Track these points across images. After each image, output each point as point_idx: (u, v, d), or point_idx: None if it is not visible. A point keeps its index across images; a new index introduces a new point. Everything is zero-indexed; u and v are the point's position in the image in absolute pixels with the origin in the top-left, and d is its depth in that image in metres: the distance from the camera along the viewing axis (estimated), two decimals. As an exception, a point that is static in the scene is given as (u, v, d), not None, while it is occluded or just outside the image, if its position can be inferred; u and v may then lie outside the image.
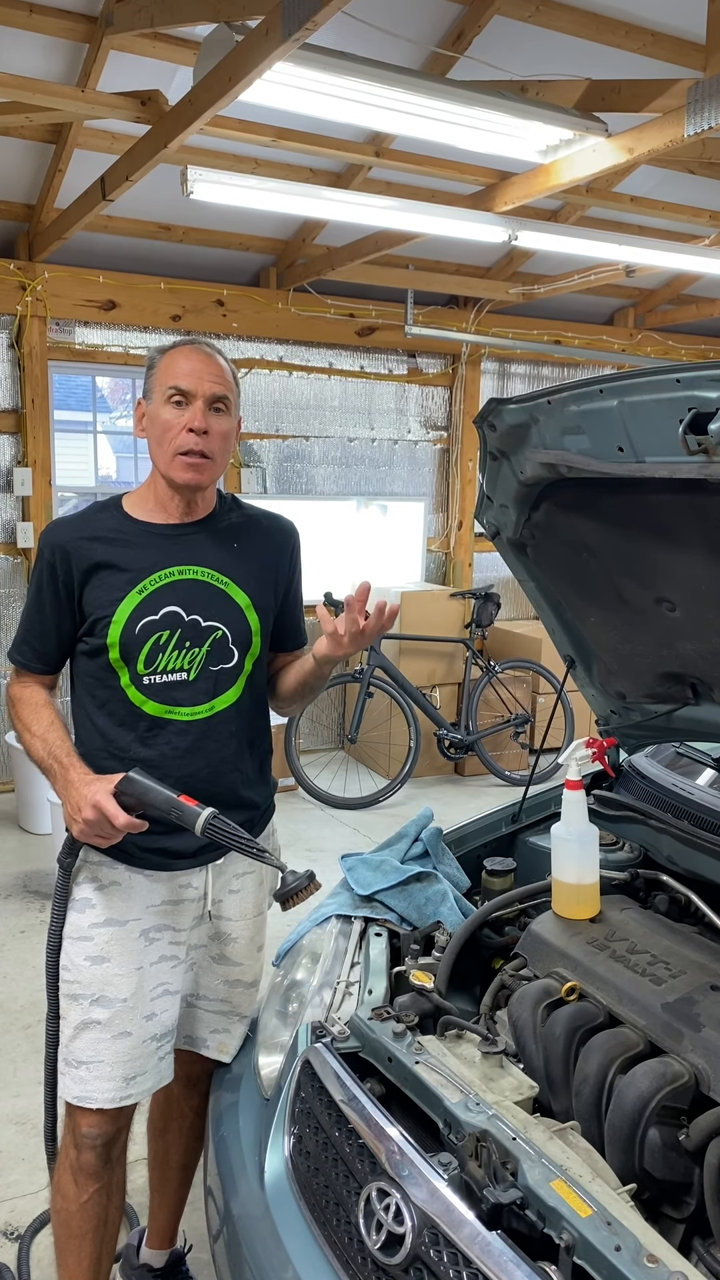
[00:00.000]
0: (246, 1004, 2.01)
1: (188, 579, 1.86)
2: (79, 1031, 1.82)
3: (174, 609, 1.83)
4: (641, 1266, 1.12)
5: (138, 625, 1.80)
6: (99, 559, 1.82)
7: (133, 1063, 1.83)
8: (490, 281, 6.37)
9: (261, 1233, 1.49)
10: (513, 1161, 1.28)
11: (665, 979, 1.57)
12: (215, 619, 1.86)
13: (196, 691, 1.85)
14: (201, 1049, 1.99)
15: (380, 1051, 1.55)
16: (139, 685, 1.82)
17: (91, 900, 1.83)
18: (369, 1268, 1.31)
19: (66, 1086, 1.84)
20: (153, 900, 1.85)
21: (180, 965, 1.90)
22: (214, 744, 1.87)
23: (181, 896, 1.88)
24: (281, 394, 6.25)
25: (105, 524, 1.87)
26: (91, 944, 1.82)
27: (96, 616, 1.81)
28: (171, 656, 1.83)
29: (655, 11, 3.88)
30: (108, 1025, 1.81)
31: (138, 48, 3.69)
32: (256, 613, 1.92)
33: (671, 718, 2.12)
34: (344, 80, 2.94)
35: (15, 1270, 2.27)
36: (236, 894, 1.95)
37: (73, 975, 1.83)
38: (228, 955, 1.97)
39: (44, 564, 1.84)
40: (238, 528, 1.95)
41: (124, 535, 1.86)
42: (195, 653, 1.84)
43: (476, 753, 5.98)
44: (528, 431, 1.75)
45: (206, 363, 1.82)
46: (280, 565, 1.99)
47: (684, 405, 1.41)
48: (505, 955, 1.88)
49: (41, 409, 5.43)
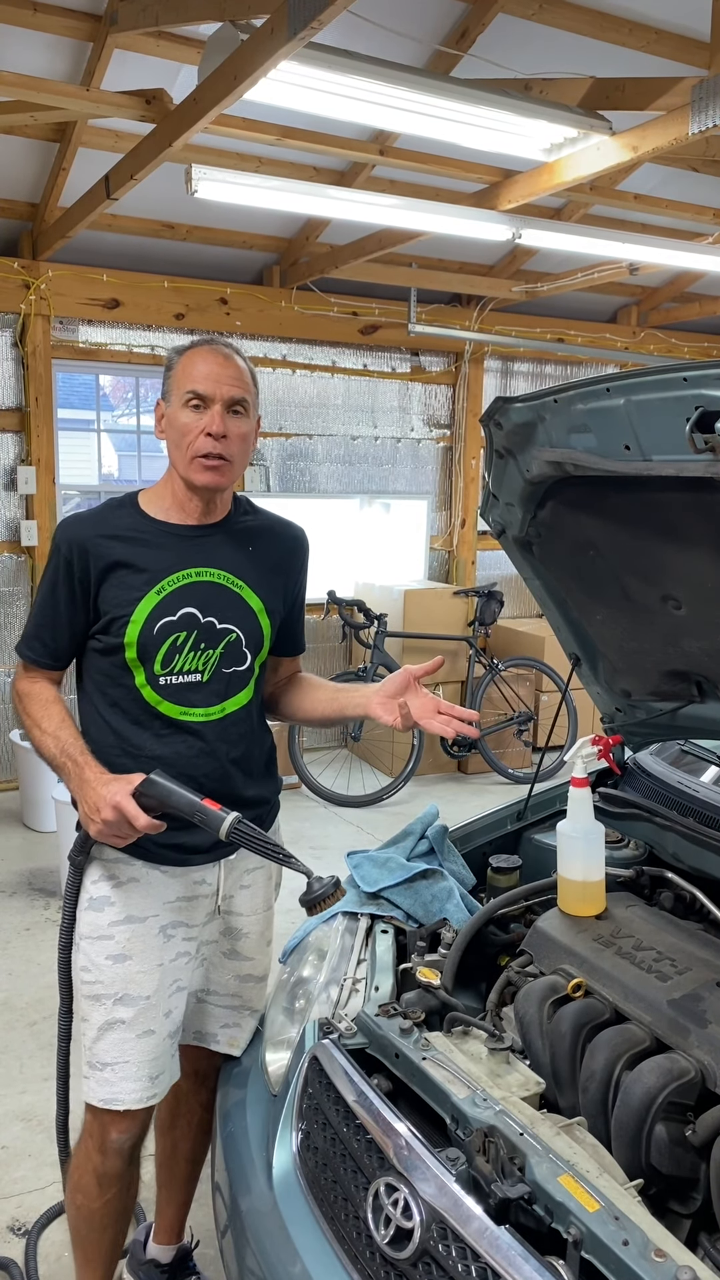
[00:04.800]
0: (257, 998, 2.01)
1: (205, 581, 1.85)
2: (103, 1033, 1.81)
3: (191, 610, 1.83)
4: (649, 1261, 1.13)
5: (156, 626, 1.80)
6: (117, 558, 1.80)
7: (157, 1060, 1.83)
8: (493, 279, 6.37)
9: (269, 1227, 1.50)
10: (520, 1157, 1.28)
11: (671, 975, 1.57)
12: (230, 621, 1.86)
13: (209, 694, 1.85)
14: (211, 1044, 1.99)
15: (387, 1048, 1.56)
16: (155, 685, 1.81)
17: (110, 898, 1.82)
18: (377, 1262, 1.32)
19: (91, 1089, 1.83)
20: (168, 896, 1.85)
21: (192, 961, 1.90)
22: (226, 745, 1.87)
23: (196, 893, 1.88)
24: (285, 392, 6.25)
25: (123, 522, 1.86)
26: (113, 942, 1.81)
27: (113, 615, 1.79)
28: (188, 658, 1.83)
29: (659, 9, 3.88)
30: (132, 1024, 1.80)
31: (142, 46, 3.69)
32: (268, 616, 1.92)
33: (676, 715, 2.12)
34: (348, 79, 2.94)
35: (23, 1265, 2.28)
36: (248, 889, 1.96)
37: (94, 975, 1.81)
38: (239, 950, 1.97)
39: (60, 560, 1.82)
40: (252, 531, 1.95)
41: (142, 535, 1.84)
42: (210, 655, 1.84)
43: (480, 751, 5.98)
44: (534, 430, 1.76)
45: (224, 365, 1.81)
46: (291, 571, 1.99)
47: (691, 404, 1.41)
48: (511, 952, 1.88)
49: (45, 407, 5.44)
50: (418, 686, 1.85)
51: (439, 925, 1.95)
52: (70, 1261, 2.22)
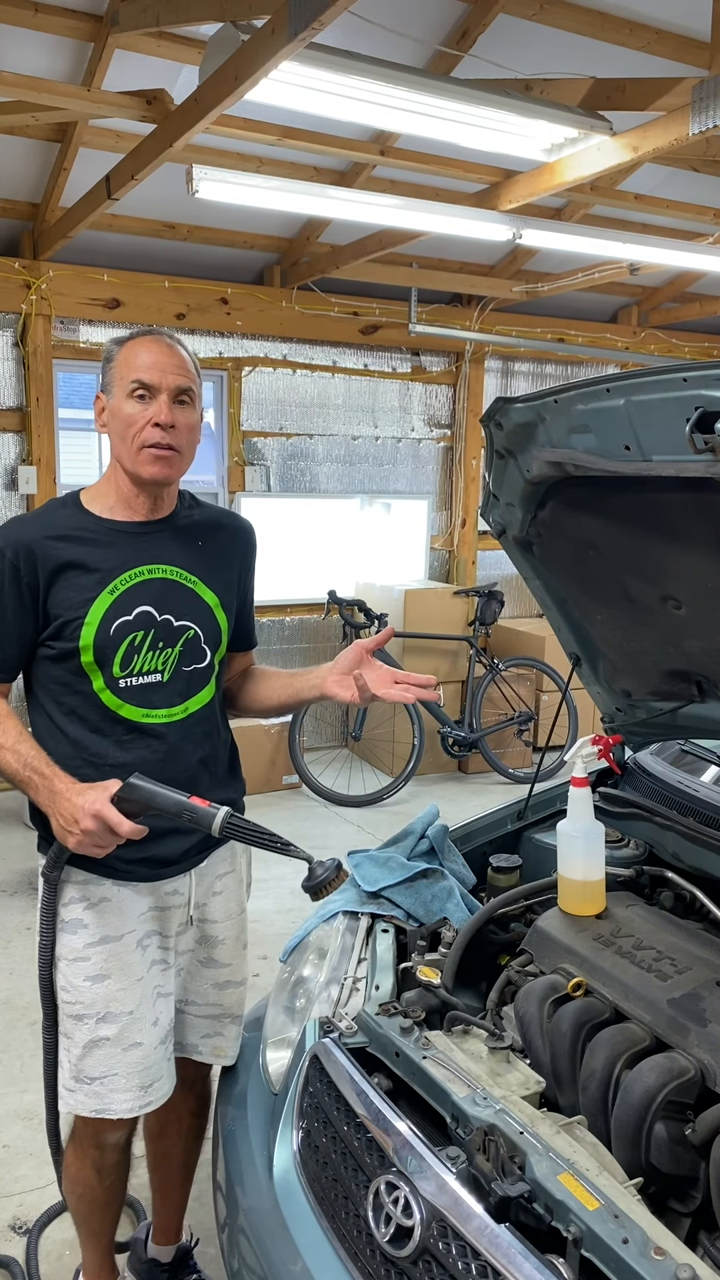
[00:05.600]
0: (236, 1004, 1.99)
1: (158, 578, 1.80)
2: (88, 1050, 1.79)
3: (147, 609, 1.77)
4: (649, 1259, 1.13)
5: (112, 626, 1.74)
6: (66, 558, 1.73)
7: (148, 1070, 1.82)
8: (494, 279, 6.37)
9: (270, 1226, 1.50)
10: (520, 1155, 1.29)
11: (671, 975, 1.57)
12: (187, 618, 1.82)
13: (171, 693, 1.81)
14: (194, 1055, 1.97)
15: (388, 1046, 1.56)
16: (114, 689, 1.76)
17: (83, 920, 1.78)
18: (378, 1260, 1.32)
19: (80, 1103, 1.81)
20: (141, 909, 1.82)
21: (170, 970, 1.88)
22: (190, 745, 1.84)
23: (169, 903, 1.85)
24: (285, 392, 6.26)
25: (69, 522, 1.78)
26: (89, 964, 1.78)
27: (66, 618, 1.72)
28: (146, 658, 1.78)
29: (660, 10, 3.88)
30: (117, 1040, 1.78)
31: (143, 47, 3.69)
32: (224, 611, 1.88)
33: (677, 715, 2.13)
34: (349, 79, 2.95)
35: (24, 1264, 2.28)
36: (220, 895, 1.94)
37: (73, 996, 1.79)
38: (215, 958, 1.95)
39: (4, 565, 1.72)
40: (200, 526, 1.90)
41: (90, 534, 1.78)
42: (169, 653, 1.80)
43: (480, 750, 5.98)
44: (534, 430, 1.76)
45: (169, 354, 1.75)
46: (240, 565, 1.96)
47: (691, 404, 1.41)
48: (511, 951, 1.88)
49: (46, 407, 5.44)
50: (371, 659, 1.82)
51: (439, 924, 1.95)
52: (71, 1261, 2.23)
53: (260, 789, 5.66)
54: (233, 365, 6.02)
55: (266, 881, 1.59)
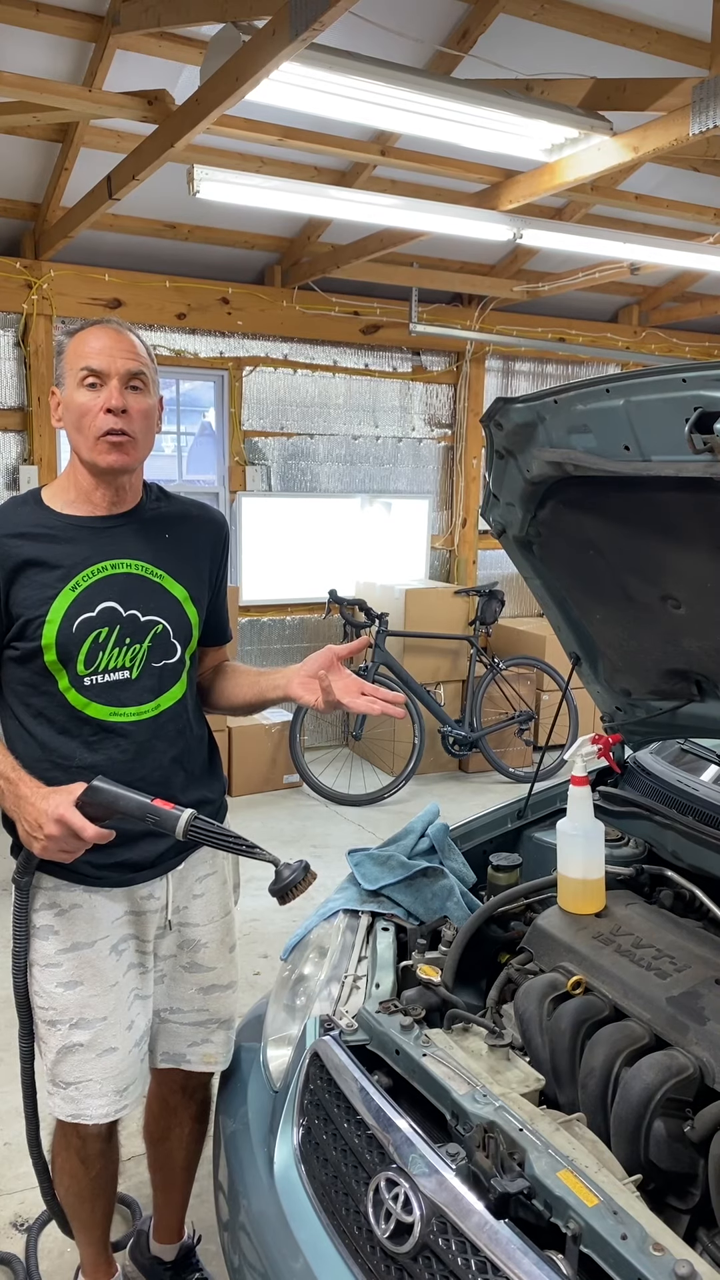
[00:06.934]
0: (224, 1009, 1.96)
1: (122, 573, 1.76)
2: (62, 1056, 1.78)
3: (111, 604, 1.74)
4: (648, 1255, 1.13)
5: (75, 623, 1.71)
6: (26, 556, 1.70)
7: (122, 1075, 1.81)
8: (495, 279, 6.38)
9: (271, 1222, 1.51)
10: (520, 1152, 1.29)
11: (670, 973, 1.58)
12: (155, 613, 1.79)
13: (141, 690, 1.78)
14: (184, 1065, 1.96)
15: (388, 1044, 1.56)
16: (80, 688, 1.73)
17: (54, 927, 1.76)
18: (378, 1256, 1.33)
19: (57, 1106, 1.81)
20: (115, 914, 1.80)
21: (148, 974, 1.86)
22: (163, 743, 1.80)
23: (143, 908, 1.83)
24: (286, 392, 6.26)
25: (28, 519, 1.75)
26: (61, 970, 1.76)
27: (28, 617, 1.69)
28: (112, 655, 1.74)
29: (660, 10, 3.88)
30: (91, 1045, 1.78)
31: (144, 47, 3.70)
32: (194, 605, 1.85)
33: (676, 714, 2.13)
34: (350, 79, 2.95)
35: (24, 1261, 2.29)
36: (201, 898, 1.91)
37: (46, 1002, 1.78)
38: (199, 962, 1.93)
39: None
40: (168, 518, 1.87)
41: (50, 530, 1.74)
42: (136, 649, 1.77)
43: (481, 749, 5.99)
44: (534, 430, 1.76)
45: (117, 339, 1.72)
46: (211, 557, 1.92)
47: (690, 404, 1.42)
48: (511, 950, 1.89)
49: (47, 407, 5.45)
50: (340, 666, 1.79)
51: (439, 923, 1.95)
52: (72, 1258, 2.24)
53: (261, 788, 5.67)
54: (233, 365, 6.02)
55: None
